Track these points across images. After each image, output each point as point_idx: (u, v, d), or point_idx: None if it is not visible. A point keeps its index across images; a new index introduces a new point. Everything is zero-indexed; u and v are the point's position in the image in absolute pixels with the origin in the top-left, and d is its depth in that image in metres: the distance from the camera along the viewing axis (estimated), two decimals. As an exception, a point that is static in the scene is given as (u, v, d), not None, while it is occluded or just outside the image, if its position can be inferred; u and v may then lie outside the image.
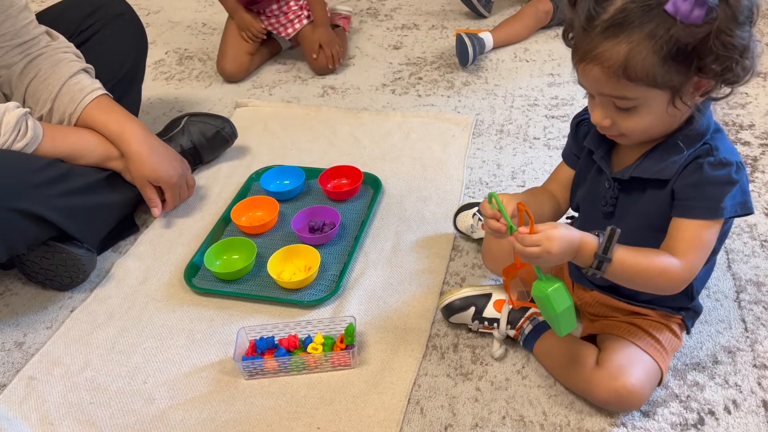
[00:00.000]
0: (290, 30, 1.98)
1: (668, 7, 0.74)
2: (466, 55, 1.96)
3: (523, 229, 0.87)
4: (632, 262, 0.87)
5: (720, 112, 1.72)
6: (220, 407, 1.07)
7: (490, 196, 0.91)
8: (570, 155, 1.05)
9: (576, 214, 1.11)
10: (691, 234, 0.87)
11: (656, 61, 0.77)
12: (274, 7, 1.97)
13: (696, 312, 1.07)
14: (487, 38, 2.04)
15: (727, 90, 0.82)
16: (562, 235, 0.85)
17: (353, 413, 1.04)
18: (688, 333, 1.06)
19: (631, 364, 0.97)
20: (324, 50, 1.98)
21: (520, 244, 0.86)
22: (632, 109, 0.83)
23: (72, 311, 1.27)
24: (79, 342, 1.20)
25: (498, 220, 0.90)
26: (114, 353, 1.18)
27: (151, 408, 1.08)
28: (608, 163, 0.96)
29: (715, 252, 0.96)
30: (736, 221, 1.36)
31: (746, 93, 1.79)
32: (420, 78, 1.99)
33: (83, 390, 1.11)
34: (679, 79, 0.79)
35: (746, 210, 0.88)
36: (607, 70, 0.80)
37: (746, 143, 1.60)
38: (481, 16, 2.33)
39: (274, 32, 2.03)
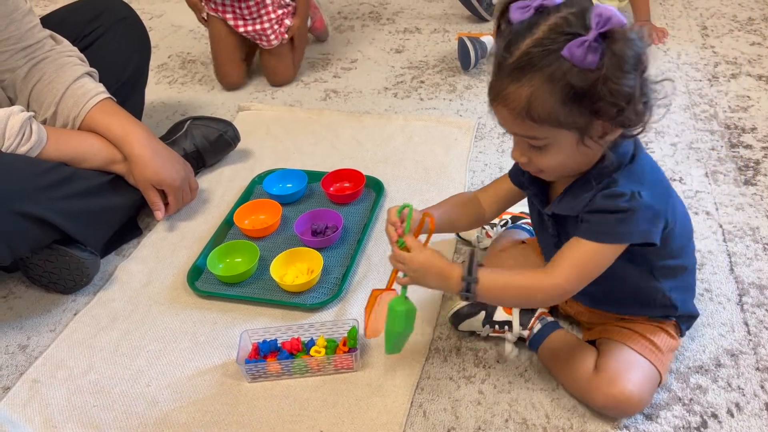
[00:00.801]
0: (265, 44, 1.97)
1: (564, 52, 0.77)
2: (468, 58, 1.96)
3: (423, 239, 0.97)
4: (496, 281, 0.93)
5: (722, 115, 1.72)
6: (223, 410, 1.07)
7: (404, 207, 0.98)
8: (516, 174, 1.07)
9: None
10: (576, 252, 0.90)
11: (556, 103, 0.80)
12: (251, 3, 1.91)
13: (691, 316, 1.07)
14: (489, 42, 2.04)
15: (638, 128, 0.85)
16: (431, 256, 0.94)
17: (356, 416, 1.04)
18: (682, 335, 1.06)
19: (629, 369, 0.97)
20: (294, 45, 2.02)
21: (407, 242, 0.95)
22: (544, 148, 0.86)
23: (75, 314, 1.27)
24: (83, 345, 1.21)
25: (396, 230, 0.98)
26: (117, 356, 1.18)
27: (154, 411, 1.08)
28: (540, 200, 1.00)
29: (685, 267, 1.00)
30: (739, 224, 1.36)
31: (748, 96, 1.80)
32: (422, 81, 1.99)
33: (87, 393, 1.12)
34: (583, 120, 0.81)
35: (642, 239, 0.88)
36: (512, 111, 0.83)
37: (748, 146, 1.60)
38: (483, 19, 2.34)
39: (252, 40, 2.00)
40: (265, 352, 1.12)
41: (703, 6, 2.36)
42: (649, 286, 0.98)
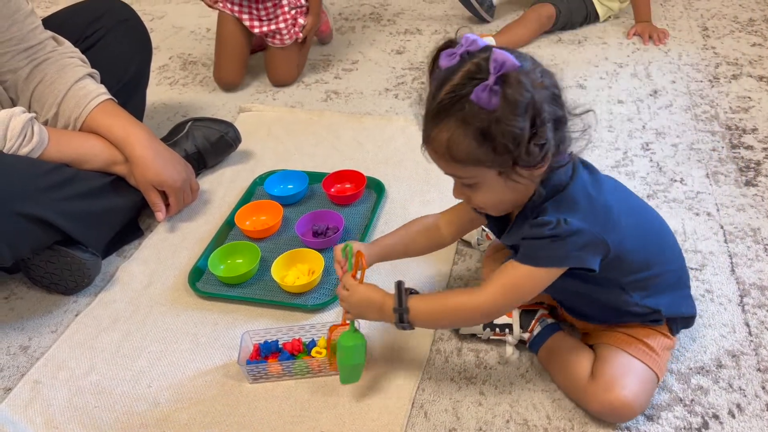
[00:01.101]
0: (277, 42, 1.97)
1: (472, 96, 0.80)
2: (469, 59, 1.96)
3: (357, 279, 1.02)
4: (427, 306, 0.97)
5: (723, 116, 1.72)
6: (224, 411, 1.07)
7: (346, 246, 1.05)
8: None
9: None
10: (508, 274, 0.92)
11: (471, 144, 0.83)
12: (269, 4, 1.92)
13: (685, 317, 1.06)
14: (490, 43, 2.04)
15: (566, 156, 0.88)
16: (364, 291, 1.00)
17: (357, 417, 1.04)
18: (673, 335, 1.06)
19: (624, 375, 0.98)
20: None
21: (342, 282, 1.02)
22: (475, 186, 0.89)
23: (77, 315, 1.27)
24: (84, 346, 1.21)
25: (342, 267, 1.05)
26: (118, 357, 1.18)
27: (155, 412, 1.08)
28: (495, 231, 1.03)
29: (664, 273, 1.00)
30: (740, 225, 1.36)
31: (749, 97, 1.80)
32: (423, 82, 1.99)
33: (88, 394, 1.12)
34: (502, 157, 0.83)
35: (576, 264, 0.90)
36: (437, 153, 0.87)
37: (749, 147, 1.60)
38: (483, 20, 2.34)
39: (264, 38, 2.00)
40: (266, 353, 1.12)
41: (703, 7, 2.37)
42: (620, 300, 0.99)
